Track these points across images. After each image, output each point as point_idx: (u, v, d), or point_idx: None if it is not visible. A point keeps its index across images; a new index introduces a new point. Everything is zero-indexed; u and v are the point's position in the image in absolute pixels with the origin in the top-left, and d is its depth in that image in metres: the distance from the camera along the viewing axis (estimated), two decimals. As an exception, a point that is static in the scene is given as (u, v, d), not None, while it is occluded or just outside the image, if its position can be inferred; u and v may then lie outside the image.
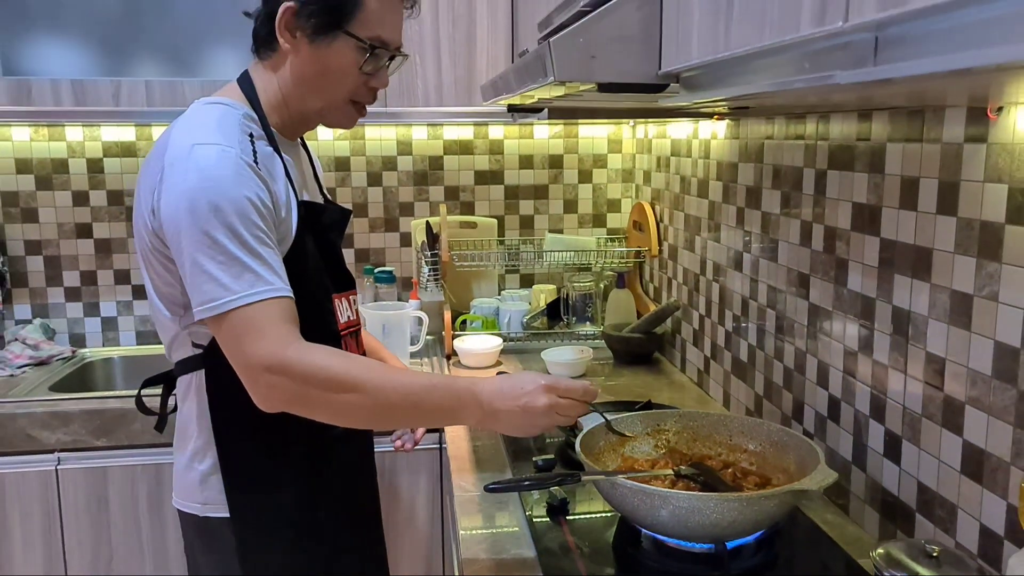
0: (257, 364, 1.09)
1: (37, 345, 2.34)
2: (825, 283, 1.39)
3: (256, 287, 1.09)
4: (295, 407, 1.13)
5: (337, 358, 1.12)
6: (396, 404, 1.13)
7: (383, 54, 1.25)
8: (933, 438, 1.12)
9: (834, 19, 0.53)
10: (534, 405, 1.13)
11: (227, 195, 1.09)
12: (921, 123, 1.12)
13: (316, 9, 1.19)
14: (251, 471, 1.26)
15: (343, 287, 1.36)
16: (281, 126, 1.29)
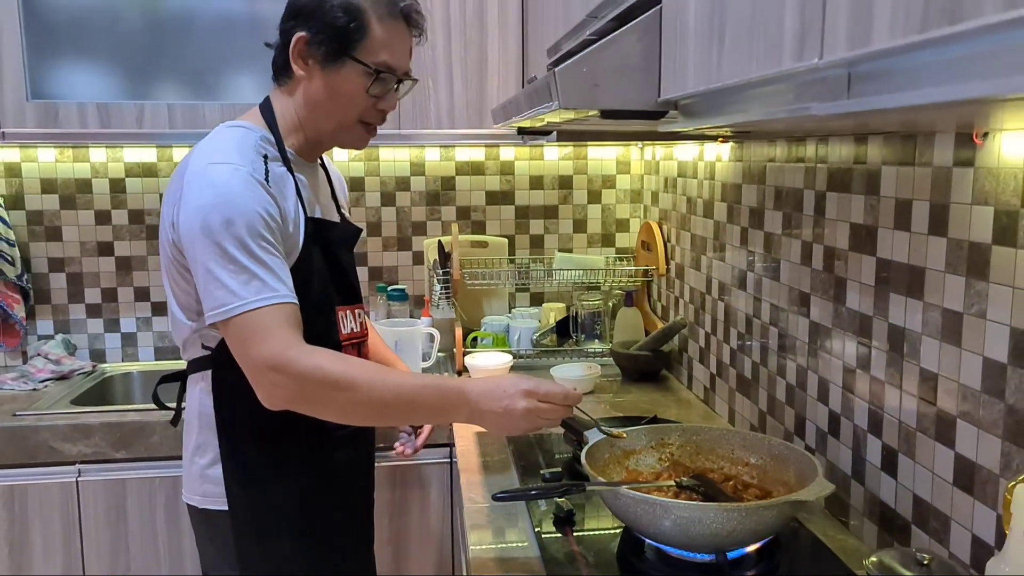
0: (262, 364, 1.17)
1: (59, 360, 2.40)
2: (825, 301, 1.43)
3: (262, 293, 1.18)
4: (297, 404, 1.20)
5: (335, 359, 1.20)
6: (390, 402, 1.20)
7: (389, 78, 1.33)
8: (927, 451, 1.15)
9: (811, 56, 0.58)
10: (514, 408, 1.20)
11: (237, 209, 1.19)
12: (913, 147, 1.16)
13: (325, 38, 1.29)
14: (250, 468, 1.33)
15: (349, 300, 1.43)
16: (298, 148, 1.38)
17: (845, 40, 0.54)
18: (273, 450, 1.34)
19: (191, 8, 2.18)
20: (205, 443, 1.35)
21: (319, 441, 1.37)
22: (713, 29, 0.80)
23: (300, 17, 1.30)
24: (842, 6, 0.55)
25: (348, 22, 1.28)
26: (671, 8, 0.95)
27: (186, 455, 1.40)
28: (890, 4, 0.49)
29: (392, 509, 2.07)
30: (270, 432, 1.32)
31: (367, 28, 1.29)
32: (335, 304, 1.39)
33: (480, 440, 1.84)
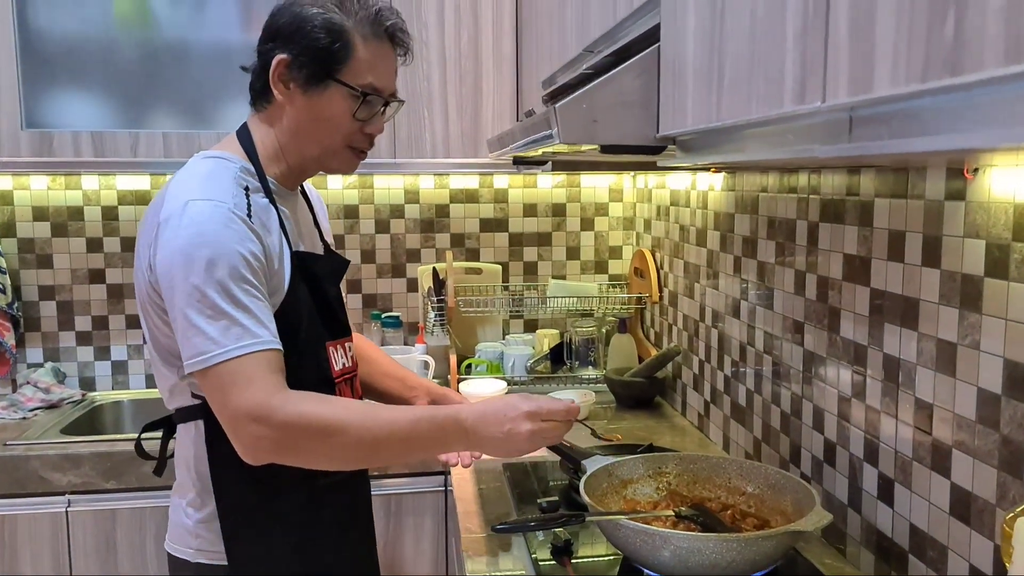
0: (243, 414, 1.10)
1: (48, 388, 2.39)
2: (819, 331, 1.44)
3: (243, 340, 1.11)
4: (283, 455, 1.14)
5: (320, 403, 1.14)
6: (382, 441, 1.15)
7: (376, 101, 1.28)
8: (923, 481, 1.16)
9: (813, 99, 0.59)
10: (518, 432, 1.16)
11: (218, 251, 1.12)
12: (906, 180, 1.18)
13: (307, 60, 1.23)
14: (249, 520, 1.28)
15: (338, 335, 1.37)
16: (280, 177, 1.31)
17: (847, 85, 0.55)
18: (273, 502, 1.28)
19: (187, 37, 2.19)
20: (199, 496, 1.28)
21: (318, 488, 1.32)
22: (712, 69, 0.81)
23: (280, 39, 1.24)
24: (843, 52, 0.56)
25: (331, 43, 1.22)
26: (669, 47, 0.97)
27: (177, 506, 1.33)
28: (891, 52, 0.50)
29: (387, 538, 2.06)
30: (269, 483, 1.26)
31: (351, 49, 1.23)
32: (325, 340, 1.32)
33: (476, 468, 1.83)
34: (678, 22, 0.93)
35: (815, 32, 0.60)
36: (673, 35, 0.95)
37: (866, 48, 0.53)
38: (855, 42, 0.55)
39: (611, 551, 1.35)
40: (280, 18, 1.25)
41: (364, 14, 1.25)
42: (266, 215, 1.24)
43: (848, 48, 0.56)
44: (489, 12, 2.28)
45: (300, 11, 1.24)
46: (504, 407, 1.17)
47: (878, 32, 0.52)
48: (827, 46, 0.58)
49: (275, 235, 1.24)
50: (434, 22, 2.27)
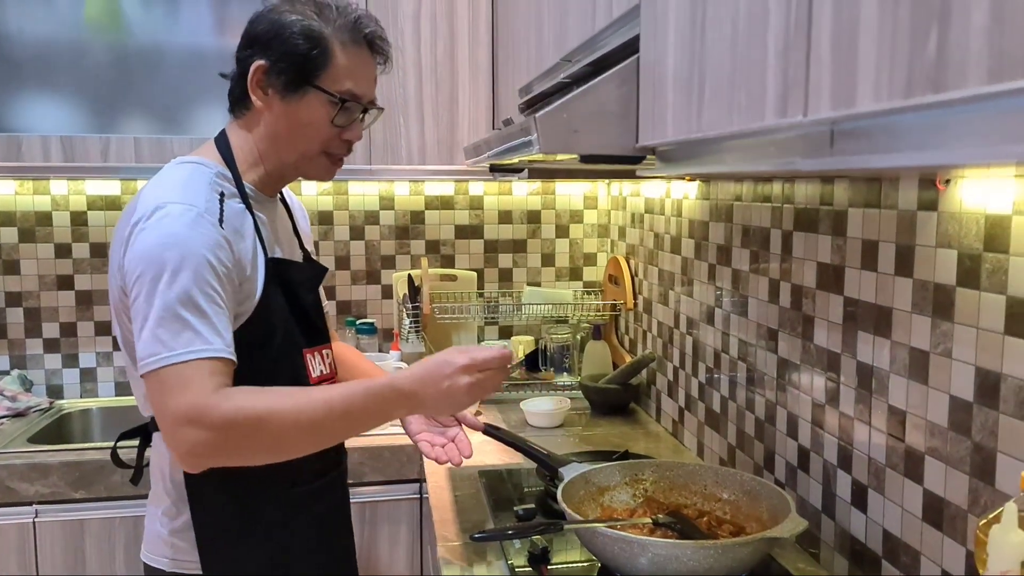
0: (180, 417, 1.08)
1: (15, 397, 2.34)
2: (793, 338, 1.46)
3: (192, 345, 1.10)
4: (220, 456, 1.12)
5: (253, 394, 1.11)
6: (320, 421, 1.13)
7: (355, 107, 1.28)
8: (896, 487, 1.18)
9: (795, 112, 0.60)
10: (458, 386, 1.15)
11: (184, 255, 1.11)
12: (878, 190, 1.20)
13: (285, 67, 1.23)
14: (223, 529, 1.27)
15: (315, 342, 1.36)
16: (258, 183, 1.30)
17: (829, 100, 0.56)
18: (248, 511, 1.28)
19: (159, 41, 2.17)
20: (174, 505, 1.27)
21: (294, 496, 1.31)
22: (693, 81, 0.82)
23: (258, 45, 1.24)
24: (825, 67, 0.57)
25: (309, 49, 1.22)
26: (649, 58, 0.98)
27: (152, 515, 1.32)
28: (874, 68, 0.51)
29: (361, 545, 2.04)
30: (244, 491, 1.26)
31: (330, 55, 1.23)
32: (302, 347, 1.31)
33: (451, 475, 1.83)
34: (658, 33, 0.94)
35: (797, 47, 0.61)
36: (653, 46, 0.96)
37: (849, 64, 0.54)
38: (838, 58, 0.56)
39: (587, 557, 1.35)
40: (259, 25, 1.25)
41: (343, 21, 1.25)
42: (240, 221, 1.23)
43: (831, 63, 0.56)
44: (465, 20, 2.29)
45: (278, 18, 1.24)
46: (439, 365, 1.16)
47: (861, 48, 0.52)
48: (809, 61, 0.59)
49: (249, 241, 1.23)
50: (410, 30, 2.27)
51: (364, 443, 2.03)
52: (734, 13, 0.73)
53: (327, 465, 1.38)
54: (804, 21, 0.60)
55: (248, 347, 1.18)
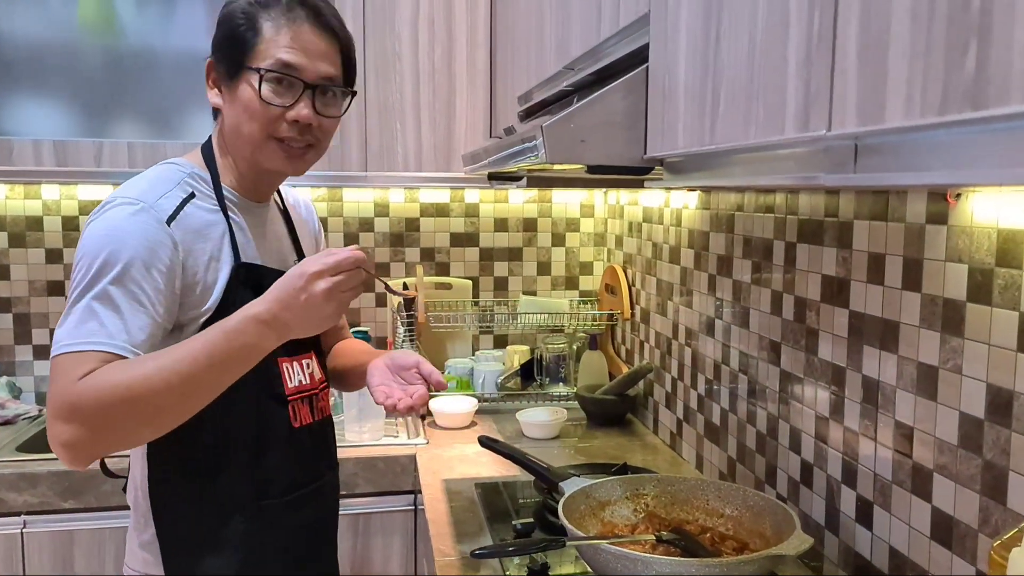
0: (49, 413, 1.04)
1: (3, 404, 2.30)
2: (796, 351, 1.44)
3: (93, 337, 1.06)
4: (99, 444, 1.06)
5: (111, 369, 1.05)
6: (189, 375, 1.06)
7: (290, 81, 1.19)
8: (903, 504, 1.16)
9: (818, 127, 0.58)
10: (314, 295, 1.08)
11: (115, 249, 1.10)
12: (885, 203, 1.19)
13: (223, 55, 1.21)
14: (186, 543, 1.23)
15: (294, 351, 1.30)
16: (237, 186, 1.28)
17: (855, 114, 0.54)
18: (214, 525, 1.24)
19: (153, 45, 2.14)
20: (144, 516, 1.25)
21: (264, 509, 1.27)
22: (706, 92, 0.80)
23: (212, 44, 1.24)
24: (851, 80, 0.56)
25: (237, 28, 1.19)
26: (659, 68, 0.96)
27: (129, 525, 1.30)
28: (905, 83, 0.49)
29: (354, 559, 2.01)
30: (209, 505, 1.22)
31: (258, 32, 1.18)
32: (277, 355, 1.23)
33: (446, 488, 1.80)
34: (669, 44, 0.92)
35: (820, 59, 0.60)
36: (663, 56, 0.95)
37: (877, 77, 0.52)
38: (865, 71, 0.54)
39: (587, 573, 1.33)
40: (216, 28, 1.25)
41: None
42: (203, 223, 1.21)
43: (857, 77, 0.55)
44: (463, 26, 2.27)
45: (225, 9, 1.23)
46: (290, 279, 1.09)
47: (891, 63, 0.51)
48: (833, 74, 0.57)
49: (211, 243, 1.21)
50: (407, 35, 2.25)
51: (358, 454, 2.00)
52: (751, 25, 0.71)
53: (301, 479, 1.32)
54: (828, 34, 0.58)
55: None
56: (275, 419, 1.28)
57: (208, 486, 1.20)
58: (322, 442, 1.40)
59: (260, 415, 1.26)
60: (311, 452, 1.35)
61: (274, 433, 1.27)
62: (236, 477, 1.23)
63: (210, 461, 1.22)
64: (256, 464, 1.25)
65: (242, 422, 1.24)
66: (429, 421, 2.27)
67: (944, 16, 0.46)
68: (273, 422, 1.27)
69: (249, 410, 1.24)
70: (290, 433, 1.29)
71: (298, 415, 1.31)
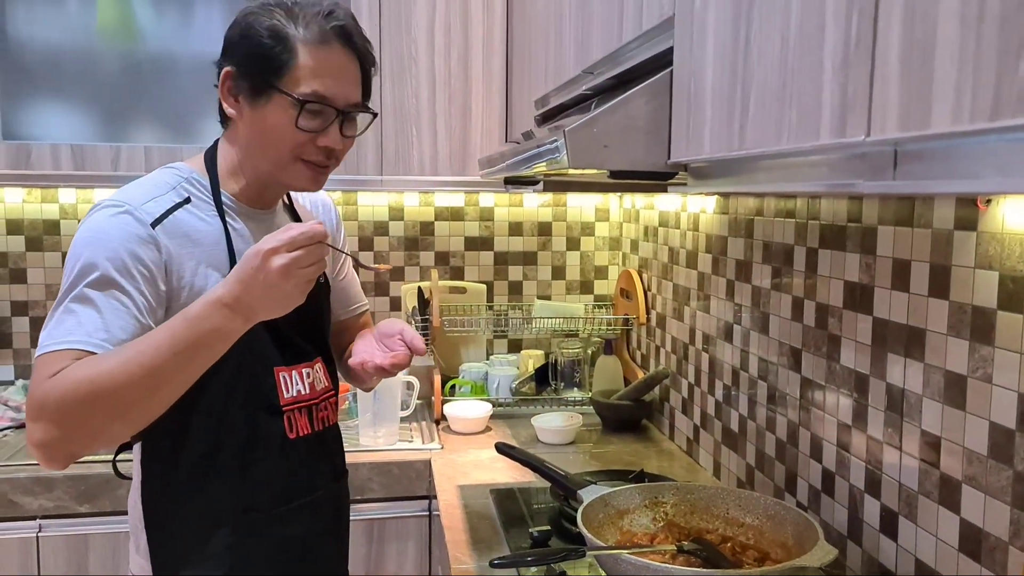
0: (27, 415, 1.04)
1: (19, 407, 2.30)
2: (817, 358, 1.42)
3: (69, 336, 1.06)
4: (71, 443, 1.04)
5: (78, 368, 1.04)
6: (154, 366, 1.03)
7: (325, 111, 1.19)
8: (930, 515, 1.14)
9: (855, 132, 0.57)
10: (270, 274, 1.04)
11: (95, 252, 1.10)
12: (911, 208, 1.17)
13: (249, 69, 1.18)
14: (176, 552, 1.22)
15: (294, 360, 1.29)
16: (240, 194, 1.27)
17: (897, 120, 0.53)
18: (199, 536, 1.22)
19: (172, 49, 2.15)
20: (140, 522, 1.24)
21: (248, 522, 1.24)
22: (735, 97, 0.79)
23: (228, 51, 1.21)
24: (893, 85, 0.54)
25: (271, 48, 1.16)
26: (684, 71, 0.95)
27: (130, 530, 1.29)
28: (952, 88, 0.48)
29: (368, 565, 2.00)
30: (197, 516, 1.21)
31: (293, 54, 1.16)
32: (273, 365, 1.24)
33: (462, 493, 1.79)
34: (695, 47, 0.91)
35: (858, 64, 0.58)
36: (688, 60, 0.93)
37: (922, 82, 0.51)
38: (908, 75, 0.53)
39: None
40: (230, 31, 1.22)
41: (311, 17, 1.18)
42: (196, 227, 1.19)
43: (899, 81, 0.53)
44: (479, 30, 2.26)
45: (245, 19, 1.20)
46: (247, 260, 1.06)
47: (937, 67, 0.49)
48: (873, 78, 0.56)
49: (203, 249, 1.19)
50: (423, 39, 2.24)
51: (372, 458, 1.99)
52: (784, 28, 0.70)
53: (294, 491, 1.29)
54: (867, 37, 0.57)
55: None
56: (268, 430, 1.25)
57: (196, 496, 1.19)
58: (321, 453, 1.35)
59: (252, 426, 1.23)
60: (306, 464, 1.31)
61: (266, 444, 1.25)
62: (224, 488, 1.22)
63: (199, 471, 1.21)
64: (245, 475, 1.23)
65: (232, 433, 1.22)
66: (444, 426, 2.26)
67: (996, 17, 0.44)
68: (265, 433, 1.25)
69: (240, 421, 1.22)
70: (284, 444, 1.27)
71: (294, 426, 1.28)
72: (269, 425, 1.25)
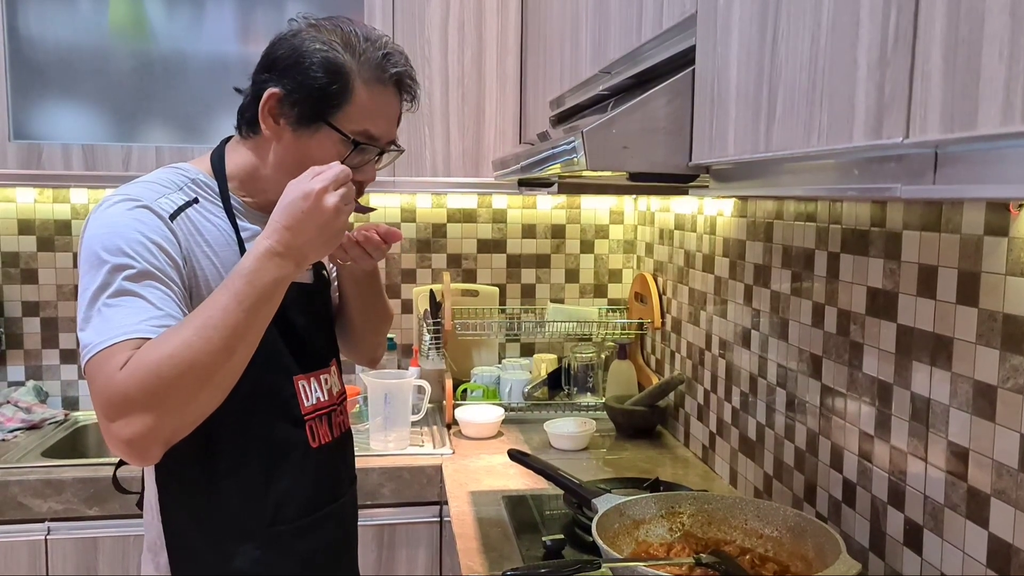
0: (100, 416, 1.00)
1: (30, 408, 2.30)
2: (839, 365, 1.39)
3: (121, 328, 1.02)
4: (166, 428, 1.01)
5: (151, 349, 1.01)
6: (226, 325, 1.01)
7: (370, 149, 1.19)
8: (957, 529, 1.11)
9: (893, 134, 0.54)
10: (326, 213, 1.05)
11: (122, 246, 1.06)
12: (938, 213, 1.14)
13: (301, 98, 1.14)
14: (200, 570, 1.19)
15: (311, 367, 1.27)
16: (253, 202, 1.24)
17: (939, 121, 0.50)
18: (224, 553, 1.19)
19: (183, 49, 2.13)
20: (159, 538, 1.20)
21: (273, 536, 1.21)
22: (761, 97, 0.76)
23: (276, 70, 1.16)
24: (935, 84, 0.51)
25: (329, 84, 1.13)
26: (707, 71, 0.92)
27: (144, 545, 1.25)
28: (1003, 85, 0.45)
29: (378, 571, 1.98)
30: (219, 531, 1.18)
31: (350, 93, 1.15)
32: (292, 374, 1.22)
33: (474, 499, 1.77)
34: (718, 46, 0.88)
35: (897, 61, 0.55)
36: (712, 59, 0.90)
37: (967, 80, 0.48)
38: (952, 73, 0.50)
39: (623, 595, 1.28)
40: (279, 48, 1.18)
41: (370, 56, 1.16)
42: (205, 227, 1.16)
43: (942, 79, 0.50)
44: (493, 30, 2.24)
45: (300, 44, 1.16)
46: (297, 203, 1.05)
47: (985, 64, 0.47)
48: (913, 77, 0.53)
49: (214, 248, 1.16)
50: (437, 39, 2.22)
51: (383, 463, 1.97)
52: (814, 26, 0.67)
53: (318, 501, 1.27)
54: (907, 34, 0.54)
55: None
56: (291, 441, 1.23)
57: (219, 512, 1.16)
58: (341, 460, 1.35)
59: (274, 438, 1.21)
60: (330, 471, 1.30)
61: (290, 457, 1.22)
62: (249, 503, 1.19)
63: (222, 487, 1.18)
64: (269, 489, 1.20)
65: (255, 448, 1.19)
66: (455, 431, 2.24)
67: (1052, 12, 0.41)
68: (289, 445, 1.23)
69: (264, 435, 1.20)
70: (309, 454, 1.25)
71: (316, 435, 1.26)
72: (292, 436, 1.23)
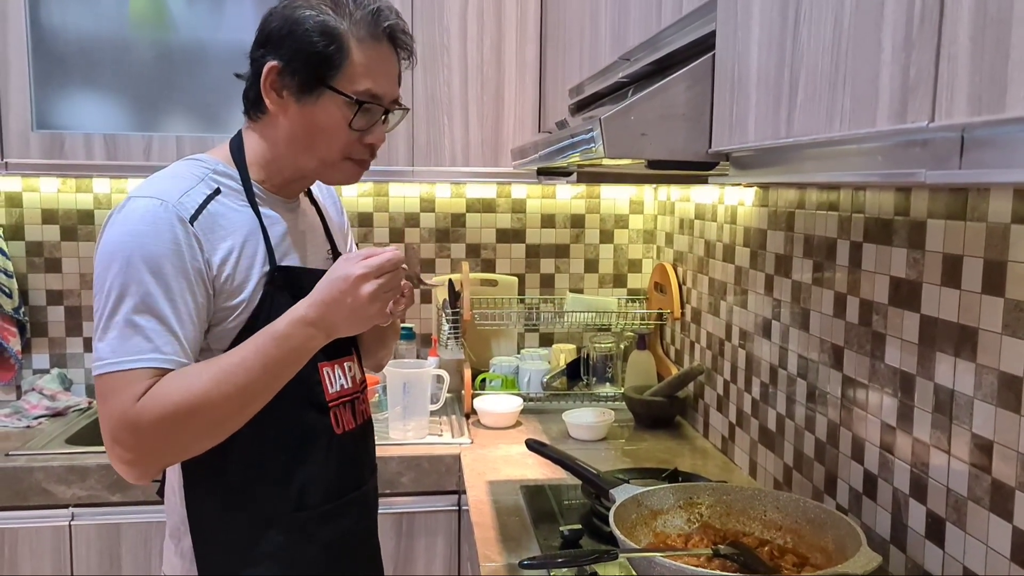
0: (107, 434, 1.05)
1: (54, 396, 2.33)
2: (860, 356, 1.37)
3: (142, 354, 1.05)
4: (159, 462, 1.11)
5: (167, 384, 1.05)
6: (245, 384, 1.07)
7: (375, 109, 1.20)
8: (980, 522, 1.09)
9: (918, 118, 0.53)
10: (360, 299, 1.10)
11: (140, 252, 1.06)
12: (964, 201, 1.12)
13: (299, 66, 1.15)
14: (224, 559, 1.20)
15: (334, 355, 1.27)
16: (272, 186, 1.24)
17: (966, 103, 0.49)
18: (250, 539, 1.20)
19: (203, 38, 2.14)
20: (182, 524, 1.21)
21: (298, 522, 1.22)
22: (783, 82, 0.75)
23: (271, 44, 1.16)
24: (962, 66, 0.50)
25: (325, 47, 1.14)
26: (727, 56, 0.90)
27: (168, 527, 1.26)
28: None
29: (397, 560, 1.99)
30: (244, 518, 1.19)
31: (346, 52, 1.15)
32: (318, 361, 1.22)
33: (492, 488, 1.77)
34: (739, 30, 0.87)
35: (923, 44, 0.54)
36: (732, 44, 0.89)
37: (996, 62, 0.47)
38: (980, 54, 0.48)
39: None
40: (271, 22, 1.18)
41: (361, 14, 1.17)
42: (231, 220, 1.16)
43: (969, 61, 0.49)
44: (513, 18, 2.22)
45: (291, 14, 1.16)
46: (336, 283, 1.11)
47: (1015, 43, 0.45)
48: (939, 59, 0.52)
49: (239, 239, 1.16)
50: (456, 27, 2.21)
51: (401, 452, 1.98)
52: (838, 8, 0.66)
53: (342, 487, 1.28)
54: (934, 14, 0.53)
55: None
56: (316, 427, 1.24)
57: (244, 498, 1.17)
58: (363, 447, 1.36)
59: (300, 425, 1.22)
60: (353, 458, 1.31)
61: (315, 443, 1.24)
62: (273, 489, 1.20)
63: (247, 473, 1.19)
64: (294, 475, 1.21)
65: (281, 433, 1.20)
66: (474, 420, 2.24)
67: (1085, -11, 0.40)
68: (314, 431, 1.24)
69: (289, 421, 1.21)
70: (333, 441, 1.26)
71: (340, 421, 1.28)
72: (317, 422, 1.24)
